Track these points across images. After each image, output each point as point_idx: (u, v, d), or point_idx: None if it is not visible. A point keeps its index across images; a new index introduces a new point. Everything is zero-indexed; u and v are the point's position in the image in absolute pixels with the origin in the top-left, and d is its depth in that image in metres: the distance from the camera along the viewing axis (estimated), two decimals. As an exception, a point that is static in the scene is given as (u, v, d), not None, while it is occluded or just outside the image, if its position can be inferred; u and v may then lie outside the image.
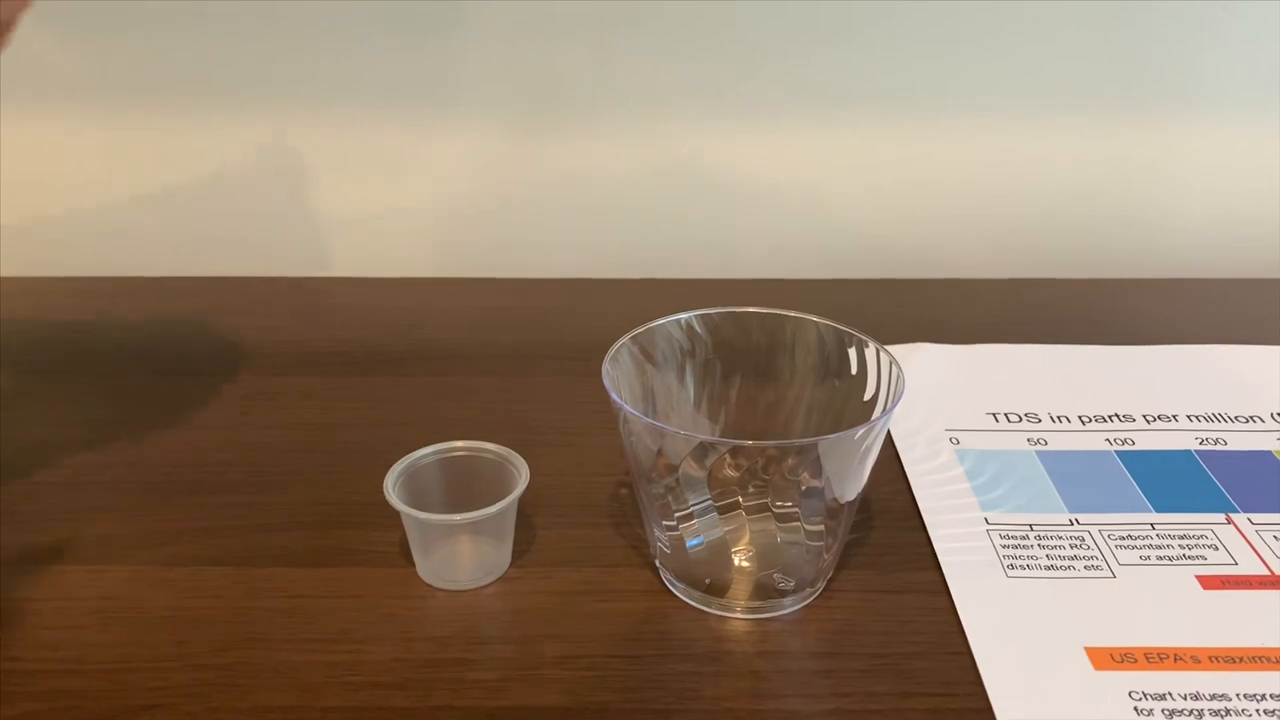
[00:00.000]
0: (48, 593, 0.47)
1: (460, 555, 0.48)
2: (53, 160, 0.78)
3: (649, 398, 0.50)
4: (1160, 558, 0.49)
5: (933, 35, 0.75)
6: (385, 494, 0.47)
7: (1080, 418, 0.60)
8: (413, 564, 0.48)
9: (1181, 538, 0.51)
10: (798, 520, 0.46)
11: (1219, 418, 0.60)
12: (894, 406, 0.45)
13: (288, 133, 0.77)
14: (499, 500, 0.47)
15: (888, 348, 0.48)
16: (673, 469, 0.45)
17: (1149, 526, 0.51)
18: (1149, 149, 0.78)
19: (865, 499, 0.47)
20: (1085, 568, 0.49)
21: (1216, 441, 0.58)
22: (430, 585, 0.48)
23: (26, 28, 0.46)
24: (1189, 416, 0.60)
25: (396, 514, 0.47)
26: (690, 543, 0.46)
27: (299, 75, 0.75)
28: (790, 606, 0.47)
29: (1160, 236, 0.81)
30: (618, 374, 0.47)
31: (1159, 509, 0.53)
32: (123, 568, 0.49)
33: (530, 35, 0.74)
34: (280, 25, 0.74)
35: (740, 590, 0.46)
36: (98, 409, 0.61)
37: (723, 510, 0.45)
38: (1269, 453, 0.57)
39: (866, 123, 0.77)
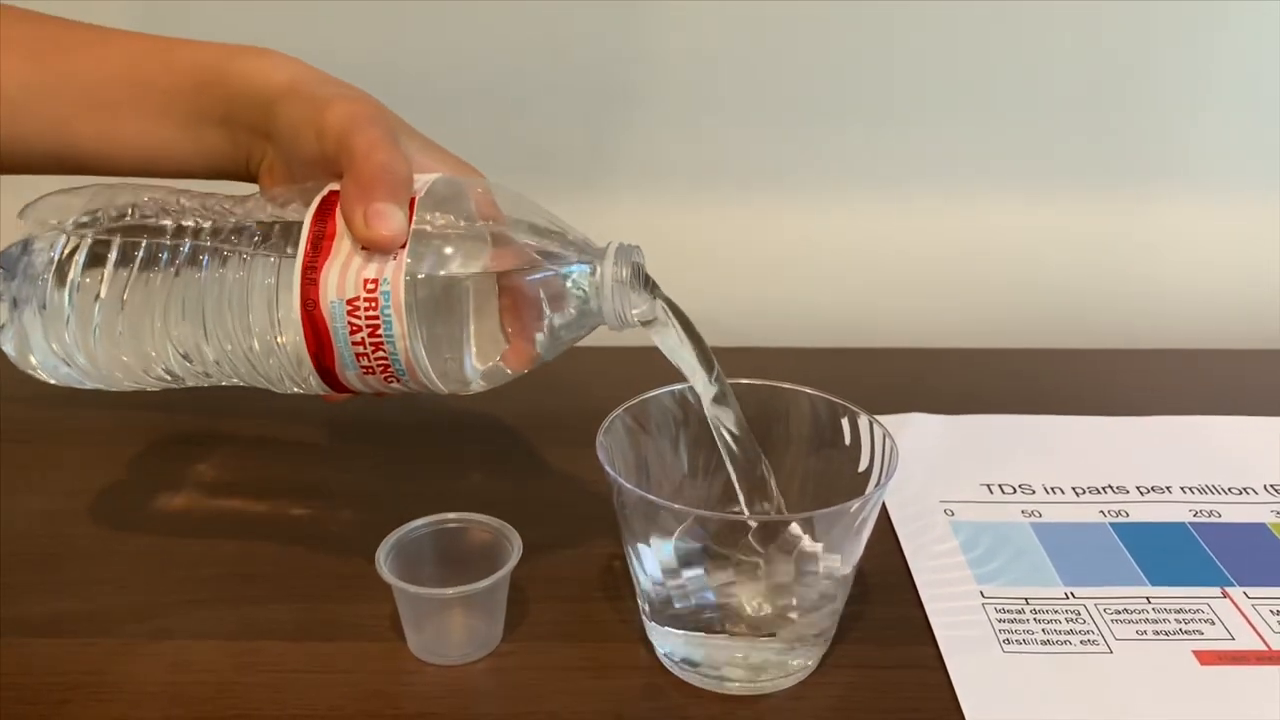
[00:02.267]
0: (32, 666, 0.47)
1: (452, 629, 0.48)
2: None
3: (643, 468, 0.50)
4: (1157, 632, 0.49)
5: (919, 111, 0.76)
6: (376, 567, 0.46)
7: (1074, 489, 0.60)
8: (404, 638, 0.48)
9: (1178, 612, 0.50)
10: (793, 594, 0.46)
11: (1212, 490, 0.60)
12: (888, 479, 0.45)
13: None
14: (491, 573, 0.46)
15: (881, 419, 0.48)
16: (666, 541, 0.45)
17: (1145, 600, 0.51)
18: (1135, 222, 0.79)
19: (860, 571, 0.47)
20: (1081, 643, 0.48)
21: (1210, 514, 0.58)
22: (421, 660, 0.47)
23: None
24: (1182, 488, 0.60)
25: (388, 587, 0.46)
26: (685, 616, 0.46)
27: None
28: (786, 683, 0.46)
29: (1150, 308, 0.81)
30: (612, 445, 0.47)
31: (1154, 582, 0.52)
32: (108, 641, 0.48)
33: (526, 108, 0.75)
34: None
35: (736, 666, 0.46)
36: (84, 477, 0.60)
37: (717, 583, 0.45)
38: (1264, 525, 0.57)
39: (857, 196, 0.78)
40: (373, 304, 0.41)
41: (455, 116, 0.76)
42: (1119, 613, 0.50)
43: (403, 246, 0.42)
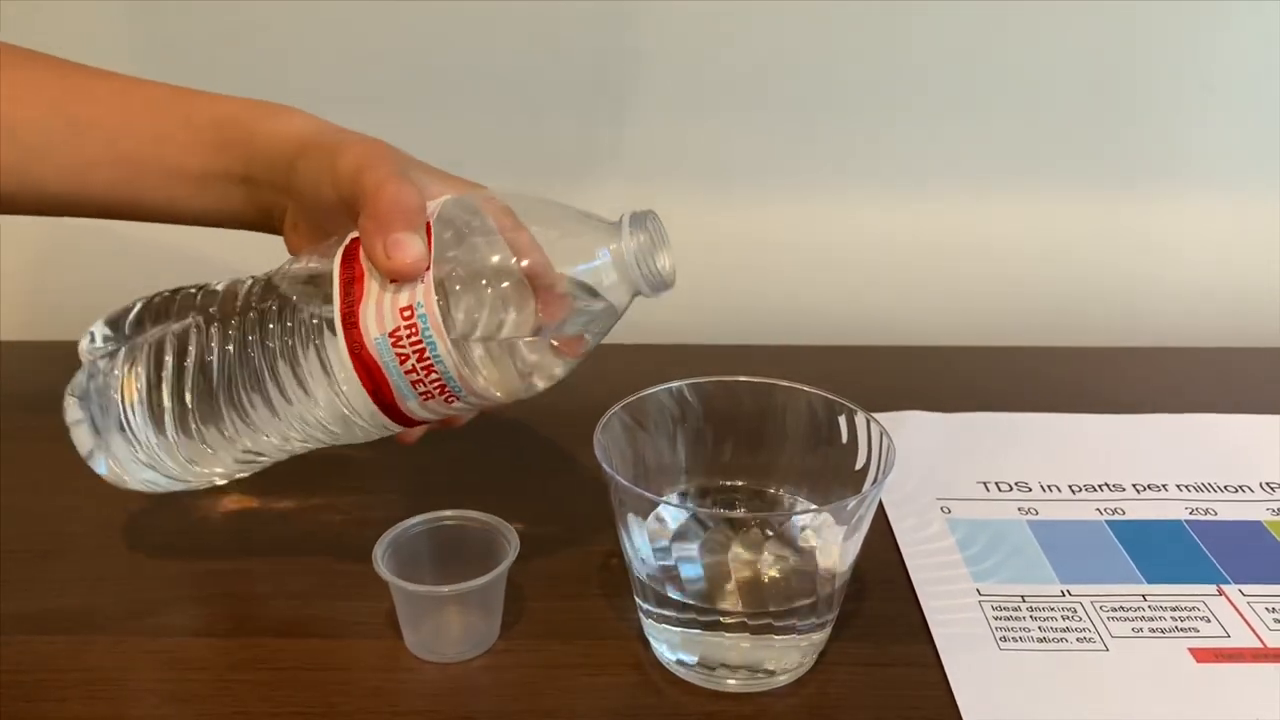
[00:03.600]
0: (29, 665, 0.47)
1: (448, 627, 0.48)
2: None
3: (640, 465, 0.50)
4: (1153, 630, 0.49)
5: (918, 109, 0.76)
6: (373, 564, 0.46)
7: (1070, 487, 0.60)
8: (400, 635, 0.48)
9: (1174, 609, 0.50)
10: (790, 591, 0.46)
11: (1208, 487, 0.60)
12: (885, 477, 0.45)
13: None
14: (488, 571, 0.46)
15: (878, 416, 0.48)
16: (661, 538, 0.45)
17: (1141, 598, 0.51)
18: (1135, 220, 0.79)
19: (857, 569, 0.47)
20: (1078, 640, 0.48)
21: (1207, 511, 0.58)
22: (418, 657, 0.47)
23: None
24: (1179, 486, 0.60)
25: (384, 584, 0.46)
26: (681, 614, 0.46)
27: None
28: (783, 680, 0.46)
29: (1147, 305, 0.81)
30: (609, 442, 0.47)
31: (1150, 580, 0.52)
32: (106, 638, 0.48)
33: (521, 105, 0.75)
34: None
35: (732, 663, 0.46)
36: (83, 476, 0.60)
37: (713, 579, 0.45)
38: (1259, 523, 0.57)
39: (855, 194, 0.78)
40: (413, 330, 0.42)
41: (450, 114, 0.76)
42: (1115, 610, 0.50)
43: (428, 269, 0.43)
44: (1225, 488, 0.60)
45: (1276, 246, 0.79)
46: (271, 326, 0.45)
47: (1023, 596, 0.51)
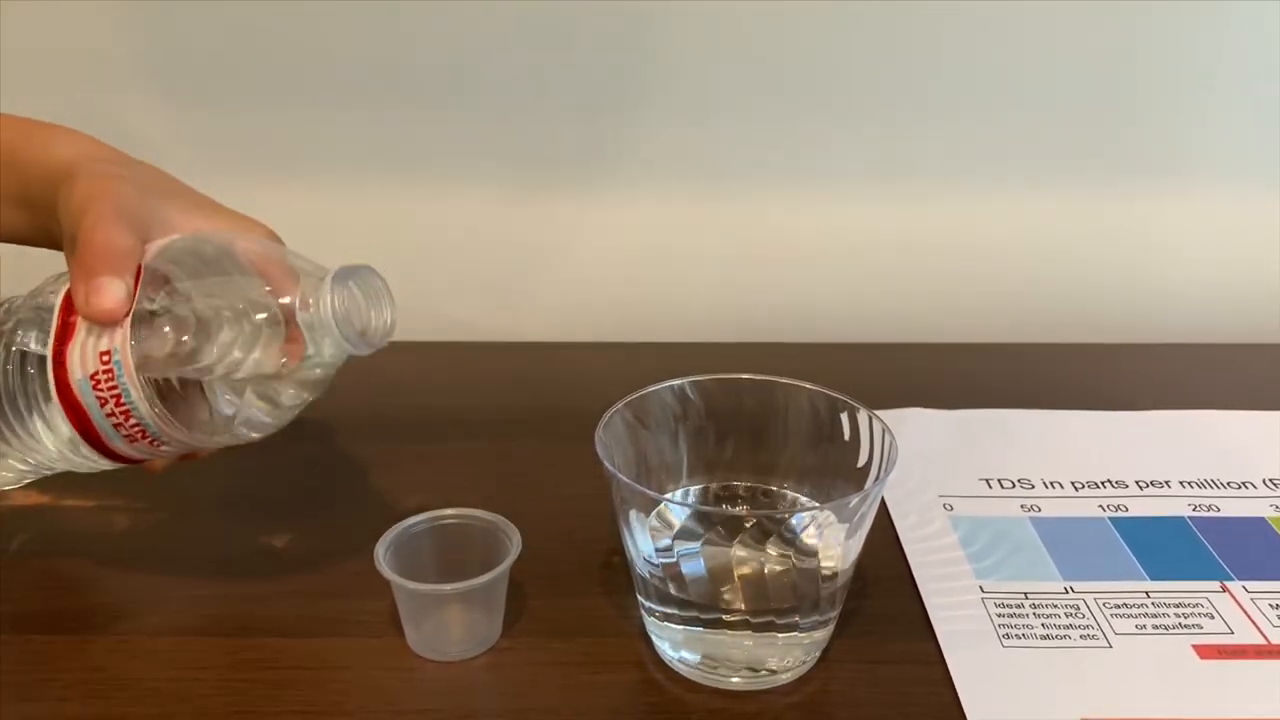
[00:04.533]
0: (30, 664, 0.47)
1: (451, 625, 0.48)
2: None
3: (642, 463, 0.50)
4: (1156, 627, 0.49)
5: (919, 107, 0.76)
6: (375, 563, 0.46)
7: (1073, 484, 0.60)
8: (403, 634, 0.48)
9: (1177, 606, 0.50)
10: (792, 588, 0.46)
11: (1211, 484, 0.60)
12: (887, 475, 0.45)
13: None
14: (490, 569, 0.46)
15: (880, 414, 0.48)
16: (663, 536, 0.45)
17: (1144, 595, 0.51)
18: (1138, 217, 0.79)
19: (859, 566, 0.47)
20: (1081, 637, 0.48)
21: (1210, 508, 0.58)
22: (421, 656, 0.47)
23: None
24: (1181, 483, 0.60)
25: (387, 583, 0.46)
26: (684, 612, 0.46)
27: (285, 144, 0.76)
28: (785, 678, 0.46)
29: (1149, 302, 0.81)
30: (611, 441, 0.47)
31: (1154, 576, 0.52)
32: (109, 637, 0.48)
33: (526, 104, 0.75)
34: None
35: (735, 661, 0.46)
36: (83, 475, 0.60)
37: (715, 577, 0.45)
38: (1262, 519, 0.57)
39: (858, 192, 0.78)
40: (110, 374, 0.43)
41: (456, 115, 0.76)
42: (1118, 607, 0.50)
43: (127, 314, 0.43)
44: (1228, 484, 0.60)
45: (1277, 243, 0.79)
46: (8, 352, 0.46)
47: (1025, 593, 0.51)
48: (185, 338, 0.44)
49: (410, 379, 0.72)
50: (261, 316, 0.45)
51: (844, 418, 0.49)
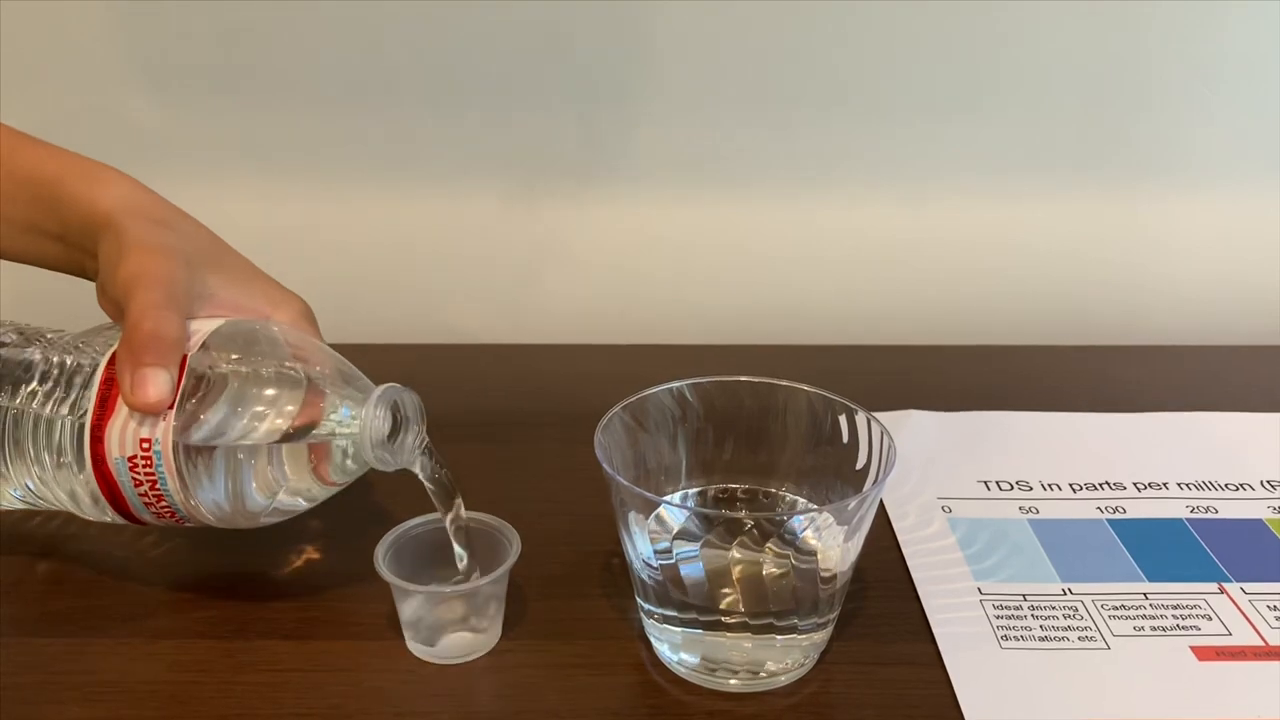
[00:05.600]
0: (29, 667, 0.46)
1: (450, 628, 0.48)
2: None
3: (641, 465, 0.50)
4: (1154, 628, 0.49)
5: (918, 108, 0.76)
6: (375, 565, 0.46)
7: (1071, 485, 0.60)
8: (402, 637, 0.48)
9: (1175, 608, 0.50)
10: (791, 591, 0.46)
11: (1209, 485, 0.60)
12: (886, 477, 0.45)
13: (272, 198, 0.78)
14: (490, 572, 0.46)
15: (879, 416, 0.48)
16: (662, 538, 0.45)
17: (1142, 596, 0.51)
18: (1136, 218, 0.79)
19: (858, 568, 0.47)
20: (1079, 639, 0.48)
21: (1207, 510, 0.58)
22: (420, 659, 0.47)
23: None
24: (1179, 484, 0.60)
25: (386, 585, 0.46)
26: (683, 614, 0.46)
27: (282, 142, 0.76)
28: (784, 680, 0.46)
29: (1147, 304, 0.81)
30: (610, 443, 0.47)
31: (1152, 578, 0.52)
32: (107, 640, 0.48)
33: (526, 105, 0.75)
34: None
35: (733, 663, 0.46)
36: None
37: (714, 579, 0.45)
38: (1260, 521, 0.57)
39: (855, 193, 0.78)
40: (149, 462, 0.44)
41: (458, 117, 0.76)
42: (1116, 609, 0.50)
43: (171, 406, 0.44)
44: (1226, 486, 0.60)
45: (1275, 245, 0.79)
46: (45, 401, 0.47)
47: (1024, 595, 0.51)
48: (230, 467, 0.45)
49: (409, 380, 0.72)
50: (294, 423, 0.46)
51: (842, 420, 0.49)
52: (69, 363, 0.47)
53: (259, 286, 0.51)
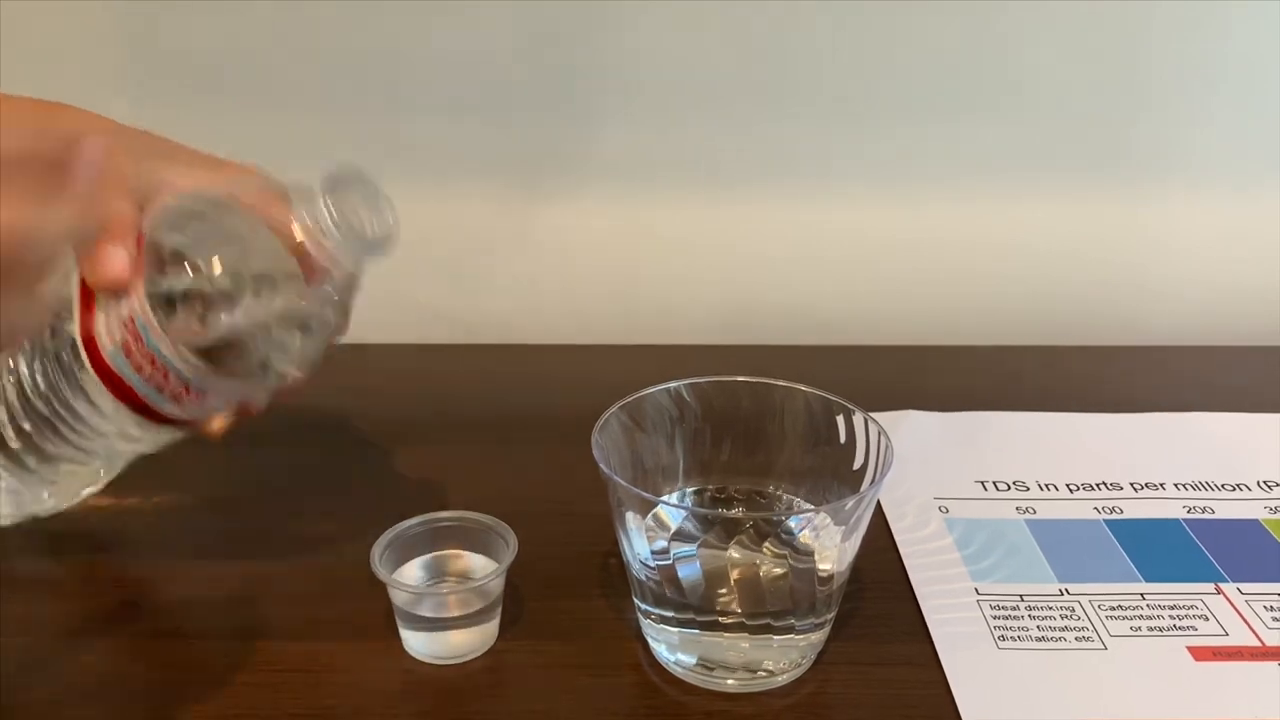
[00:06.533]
0: (27, 666, 0.47)
1: (447, 628, 0.48)
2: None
3: (638, 465, 0.50)
4: (1151, 629, 0.49)
5: (916, 108, 0.76)
6: (372, 565, 0.46)
7: (1068, 486, 0.60)
8: (399, 637, 0.48)
9: (1172, 608, 0.50)
10: (788, 591, 0.46)
11: (1206, 486, 0.60)
12: (883, 477, 0.45)
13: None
14: (487, 571, 0.46)
15: (876, 416, 0.48)
16: (660, 538, 0.45)
17: (1139, 596, 0.51)
18: (1136, 218, 0.79)
19: (855, 568, 0.47)
20: (1076, 639, 0.48)
21: (1204, 510, 0.58)
22: (417, 659, 0.47)
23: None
24: (1176, 485, 0.60)
25: (383, 585, 0.46)
26: (680, 614, 0.46)
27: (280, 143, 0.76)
28: (781, 680, 0.46)
29: (1146, 305, 0.81)
30: (607, 443, 0.47)
31: (1148, 578, 0.52)
32: (106, 640, 0.48)
33: (523, 105, 0.75)
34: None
35: (731, 663, 0.46)
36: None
37: (711, 580, 0.45)
38: (1256, 521, 0.57)
39: (852, 193, 0.78)
40: (139, 339, 0.43)
41: (452, 117, 0.76)
42: (1113, 609, 0.50)
43: (139, 274, 0.43)
44: (1223, 486, 0.60)
45: (1274, 245, 0.79)
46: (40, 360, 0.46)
47: (1021, 595, 0.51)
48: (212, 314, 0.44)
49: (406, 381, 0.73)
50: (274, 261, 0.45)
51: (840, 420, 0.49)
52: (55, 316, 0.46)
53: (222, 167, 0.50)
